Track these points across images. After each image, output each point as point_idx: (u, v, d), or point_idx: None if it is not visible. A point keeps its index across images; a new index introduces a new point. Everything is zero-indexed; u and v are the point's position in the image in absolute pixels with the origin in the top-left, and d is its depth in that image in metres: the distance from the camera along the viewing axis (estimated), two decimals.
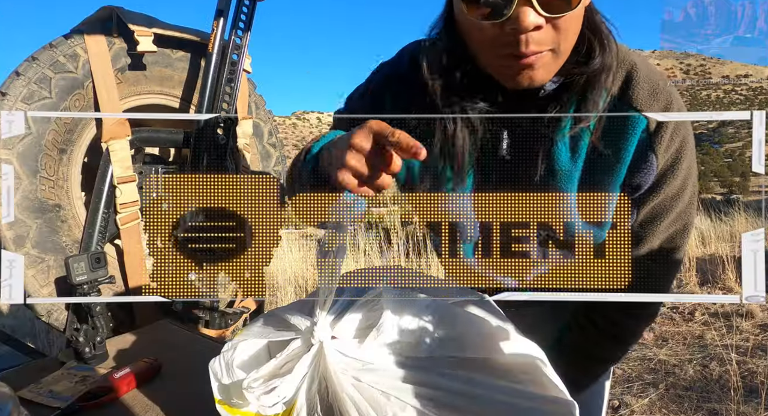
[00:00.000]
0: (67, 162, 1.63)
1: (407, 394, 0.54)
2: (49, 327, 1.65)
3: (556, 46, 0.63)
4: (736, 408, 2.14)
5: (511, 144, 0.74)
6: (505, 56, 0.63)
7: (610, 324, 0.84)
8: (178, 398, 0.91)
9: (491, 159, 0.75)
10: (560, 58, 0.65)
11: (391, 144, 0.52)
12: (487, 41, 0.63)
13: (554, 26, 0.61)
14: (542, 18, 0.59)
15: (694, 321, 3.26)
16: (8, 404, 0.60)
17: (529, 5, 0.58)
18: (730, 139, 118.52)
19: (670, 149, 0.72)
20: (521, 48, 0.61)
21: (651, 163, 0.72)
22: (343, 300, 0.61)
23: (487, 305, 0.61)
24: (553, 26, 0.61)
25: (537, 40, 0.61)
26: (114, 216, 1.66)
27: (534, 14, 0.58)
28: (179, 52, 1.88)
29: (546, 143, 0.72)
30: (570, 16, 0.61)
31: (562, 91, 0.70)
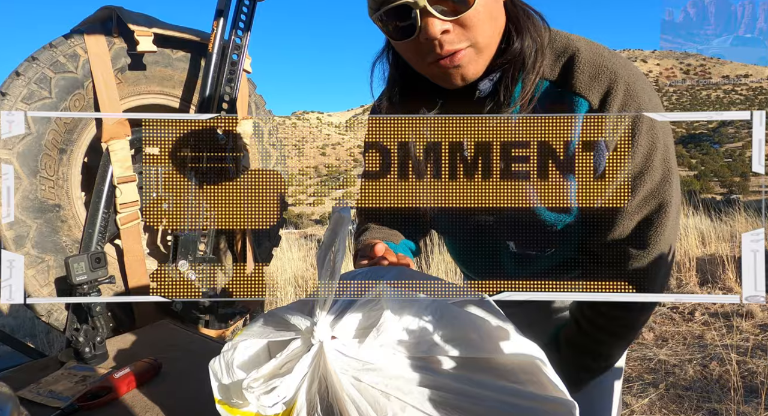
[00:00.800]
0: (67, 162, 1.63)
1: (407, 394, 0.54)
2: (49, 327, 1.65)
3: (473, 42, 0.70)
4: (736, 408, 2.14)
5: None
6: (432, 63, 0.72)
7: (606, 319, 0.83)
8: (178, 398, 0.91)
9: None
10: (484, 52, 0.72)
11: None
12: (415, 55, 0.73)
13: (461, 25, 0.68)
14: (447, 22, 0.67)
15: (694, 321, 3.26)
16: (8, 404, 0.60)
17: (431, 16, 0.66)
18: (730, 139, 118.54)
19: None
20: (437, 51, 0.69)
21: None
22: (343, 300, 0.61)
23: (487, 305, 0.61)
24: (460, 26, 0.68)
25: (450, 40, 0.68)
26: (114, 216, 1.66)
27: (438, 22, 0.66)
28: (179, 52, 1.88)
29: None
30: (473, 13, 0.67)
31: (498, 86, 0.76)
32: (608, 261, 0.78)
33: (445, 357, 0.56)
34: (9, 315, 4.14)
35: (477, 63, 0.72)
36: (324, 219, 25.76)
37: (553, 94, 0.76)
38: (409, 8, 0.66)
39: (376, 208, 0.62)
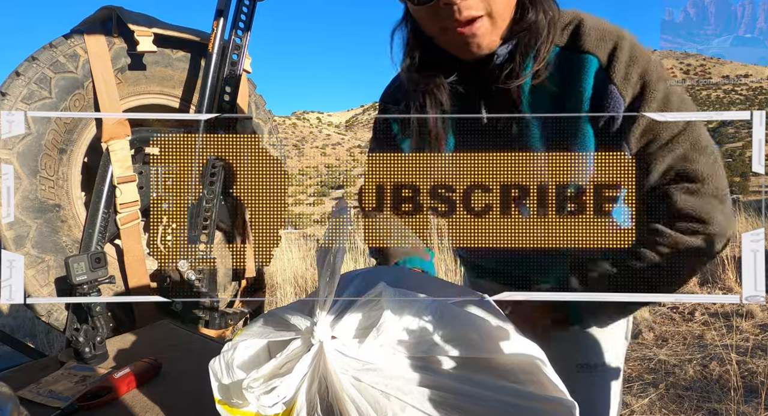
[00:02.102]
0: (67, 162, 1.63)
1: (407, 394, 0.54)
2: (49, 327, 1.65)
3: (489, 11, 0.73)
4: (736, 408, 2.14)
5: (488, 110, 0.84)
6: (449, 30, 0.74)
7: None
8: (178, 398, 0.91)
9: (471, 126, 0.85)
10: (499, 22, 0.75)
11: None
12: (432, 21, 0.75)
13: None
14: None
15: (694, 321, 3.26)
16: (8, 404, 0.60)
17: None
18: (730, 139, 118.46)
19: (631, 77, 0.75)
20: (456, 16, 0.71)
21: (613, 92, 0.75)
22: (343, 300, 0.61)
23: (487, 305, 0.61)
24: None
25: (468, 6, 0.71)
26: (114, 216, 1.66)
27: None
28: (179, 52, 1.88)
29: (513, 101, 0.82)
30: None
31: (514, 53, 0.79)
32: (655, 208, 0.77)
33: (445, 357, 0.56)
34: (9, 315, 4.14)
35: (492, 33, 0.76)
36: (324, 220, 25.75)
37: (563, 57, 0.79)
38: None
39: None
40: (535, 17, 0.77)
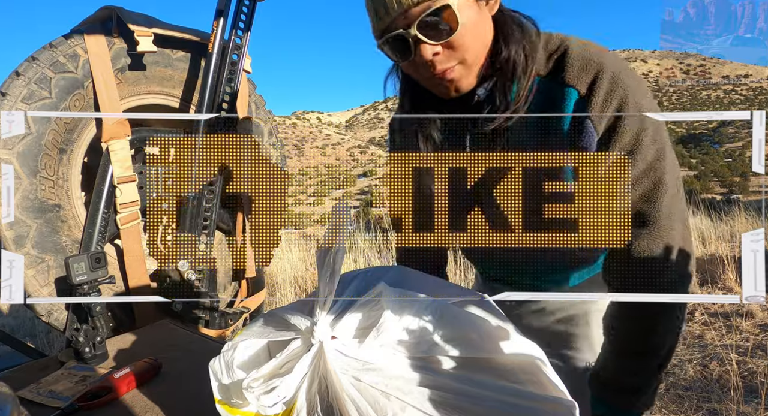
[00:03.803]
0: (67, 162, 1.63)
1: (407, 394, 0.54)
2: (49, 327, 1.65)
3: (461, 59, 0.79)
4: (736, 408, 2.14)
5: (471, 142, 0.91)
6: (430, 77, 0.82)
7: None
8: (178, 398, 0.91)
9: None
10: (474, 66, 0.81)
11: None
12: (415, 72, 0.84)
13: (450, 47, 0.78)
14: (436, 46, 0.77)
15: (694, 321, 3.26)
16: (8, 404, 0.60)
17: (422, 43, 0.76)
18: (730, 139, 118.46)
19: (607, 109, 0.78)
20: (432, 70, 0.80)
21: (586, 126, 0.79)
22: (343, 300, 0.61)
23: (487, 305, 0.61)
24: (449, 47, 0.78)
25: (441, 60, 0.79)
26: (114, 216, 1.66)
27: (428, 47, 0.77)
28: (179, 52, 1.88)
29: (498, 135, 0.86)
30: (459, 36, 0.76)
31: (493, 92, 0.84)
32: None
33: (445, 357, 0.56)
34: (9, 315, 4.14)
35: (468, 76, 0.82)
36: (324, 220, 25.70)
37: (545, 88, 0.83)
38: (404, 37, 0.77)
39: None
40: (508, 55, 0.81)
